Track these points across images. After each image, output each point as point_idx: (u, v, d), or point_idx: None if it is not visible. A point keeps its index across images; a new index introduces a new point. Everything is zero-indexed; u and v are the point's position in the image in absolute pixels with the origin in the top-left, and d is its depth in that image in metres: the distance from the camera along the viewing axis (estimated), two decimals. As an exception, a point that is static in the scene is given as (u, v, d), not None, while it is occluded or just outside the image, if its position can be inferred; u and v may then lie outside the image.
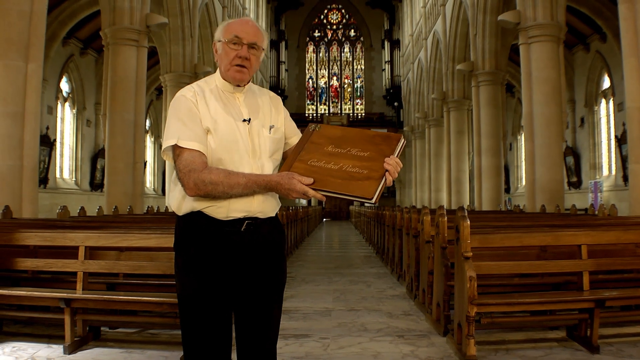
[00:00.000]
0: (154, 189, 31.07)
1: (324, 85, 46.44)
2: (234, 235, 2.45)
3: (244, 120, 2.50)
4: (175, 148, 2.42)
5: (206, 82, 2.58)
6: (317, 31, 46.86)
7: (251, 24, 2.54)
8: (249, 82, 2.60)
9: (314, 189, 2.24)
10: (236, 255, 2.46)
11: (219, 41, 2.53)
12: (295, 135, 2.67)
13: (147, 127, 27.94)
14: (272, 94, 2.71)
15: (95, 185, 24.05)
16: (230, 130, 2.45)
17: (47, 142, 19.88)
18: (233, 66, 2.50)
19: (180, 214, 2.51)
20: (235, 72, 2.50)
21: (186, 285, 2.50)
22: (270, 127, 2.56)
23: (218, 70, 2.59)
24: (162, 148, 2.50)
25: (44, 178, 19.62)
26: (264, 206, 2.49)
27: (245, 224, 2.46)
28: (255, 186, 2.35)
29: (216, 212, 2.43)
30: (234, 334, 2.57)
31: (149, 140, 30.31)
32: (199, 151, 2.40)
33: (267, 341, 2.56)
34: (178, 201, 2.50)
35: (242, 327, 2.55)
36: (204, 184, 2.34)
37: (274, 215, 2.57)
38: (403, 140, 2.34)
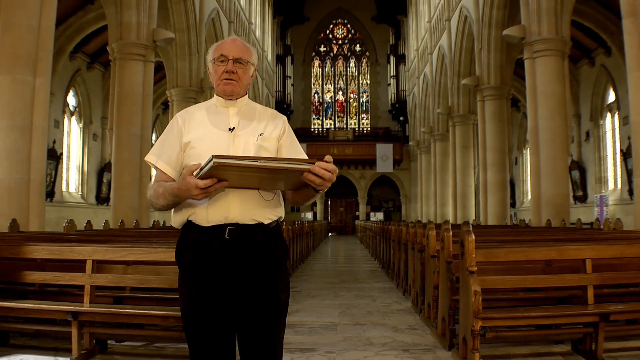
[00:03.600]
0: (159, 203, 31.11)
1: (329, 100, 46.34)
2: (219, 243, 2.47)
3: (230, 129, 2.58)
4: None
5: (207, 101, 2.73)
6: (322, 46, 46.82)
7: (237, 42, 2.65)
8: (243, 96, 2.68)
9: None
10: (226, 264, 2.47)
11: (210, 62, 2.65)
12: (293, 153, 2.65)
13: (153, 142, 27.93)
14: (277, 112, 2.75)
15: (102, 199, 24.10)
16: (211, 139, 2.54)
17: (54, 156, 19.95)
18: (222, 80, 2.61)
19: (177, 226, 2.61)
20: (224, 85, 2.61)
21: (184, 294, 2.57)
22: (259, 135, 2.59)
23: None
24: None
25: (50, 192, 19.69)
26: (243, 212, 2.48)
27: (227, 230, 2.47)
28: (169, 194, 2.45)
29: (198, 218, 2.51)
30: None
31: (155, 155, 30.34)
32: (162, 170, 2.58)
33: (267, 357, 2.54)
34: (173, 215, 2.61)
35: (242, 341, 2.55)
36: (148, 199, 2.56)
37: (265, 222, 2.54)
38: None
